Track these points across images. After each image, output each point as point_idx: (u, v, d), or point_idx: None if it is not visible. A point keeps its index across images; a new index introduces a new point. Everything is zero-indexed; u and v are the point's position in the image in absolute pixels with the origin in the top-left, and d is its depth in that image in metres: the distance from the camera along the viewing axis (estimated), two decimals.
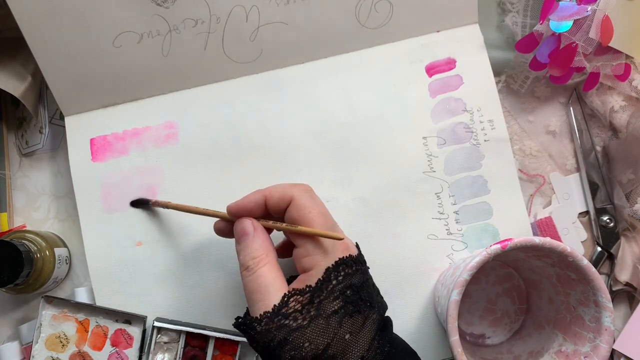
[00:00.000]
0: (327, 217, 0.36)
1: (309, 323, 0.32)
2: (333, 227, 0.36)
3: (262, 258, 0.35)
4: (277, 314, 0.32)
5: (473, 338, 0.47)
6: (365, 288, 0.35)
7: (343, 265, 0.34)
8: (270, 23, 0.47)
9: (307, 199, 0.36)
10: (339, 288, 0.33)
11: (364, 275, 0.35)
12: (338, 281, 0.34)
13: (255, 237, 0.36)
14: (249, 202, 0.37)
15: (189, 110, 0.48)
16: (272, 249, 0.36)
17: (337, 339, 0.32)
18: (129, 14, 0.45)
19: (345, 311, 0.33)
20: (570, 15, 0.43)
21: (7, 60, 0.48)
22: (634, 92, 0.46)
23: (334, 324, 0.32)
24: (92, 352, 0.45)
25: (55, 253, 0.46)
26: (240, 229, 0.37)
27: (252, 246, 0.36)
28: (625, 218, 0.46)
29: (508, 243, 0.37)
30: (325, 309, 0.33)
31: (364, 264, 0.36)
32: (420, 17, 0.48)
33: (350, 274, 0.34)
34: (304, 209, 0.35)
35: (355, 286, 0.34)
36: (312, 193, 0.37)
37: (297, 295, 0.33)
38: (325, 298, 0.33)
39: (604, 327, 0.37)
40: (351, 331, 0.33)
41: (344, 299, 0.33)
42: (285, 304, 0.33)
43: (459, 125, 0.48)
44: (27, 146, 0.50)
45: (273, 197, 0.36)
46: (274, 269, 0.35)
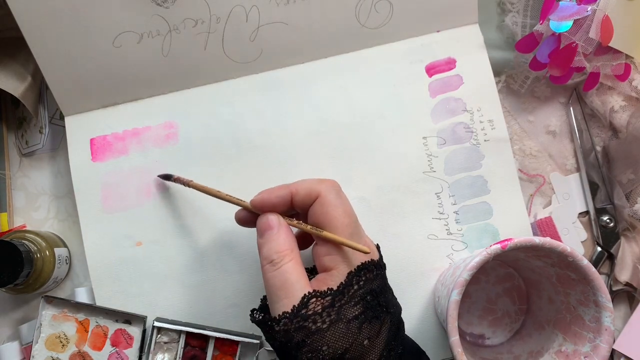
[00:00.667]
0: (352, 216, 0.35)
1: (328, 327, 0.32)
2: (357, 228, 0.35)
3: (287, 253, 0.34)
4: (297, 315, 0.32)
5: (473, 338, 0.47)
6: (383, 293, 0.34)
7: (365, 270, 0.34)
8: (270, 23, 0.47)
9: (334, 196, 0.35)
10: (360, 293, 0.33)
11: (383, 280, 0.35)
12: (359, 286, 0.33)
13: (280, 232, 0.35)
14: (274, 197, 0.36)
15: (189, 110, 0.48)
16: (296, 247, 0.35)
17: (356, 344, 0.32)
18: (129, 14, 0.45)
19: (365, 317, 0.32)
20: (570, 15, 0.43)
21: (7, 60, 0.48)
22: (634, 92, 0.46)
23: (354, 330, 0.32)
24: (92, 352, 0.45)
25: (55, 253, 0.46)
26: (265, 222, 0.36)
27: (277, 240, 0.34)
28: (625, 218, 0.46)
29: (508, 243, 0.37)
30: (346, 313, 0.32)
31: (383, 268, 0.36)
32: (420, 17, 0.48)
33: (371, 279, 0.34)
34: (329, 205, 0.34)
35: (375, 291, 0.34)
36: (339, 190, 0.36)
37: (318, 297, 0.32)
38: (347, 303, 0.32)
39: (604, 327, 0.37)
40: (369, 337, 0.32)
41: (364, 304, 0.33)
42: (305, 306, 0.32)
43: (459, 125, 0.48)
44: (27, 146, 0.50)
45: (299, 193, 0.35)
46: (299, 266, 0.34)
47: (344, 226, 0.34)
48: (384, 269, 0.36)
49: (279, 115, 0.48)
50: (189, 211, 0.47)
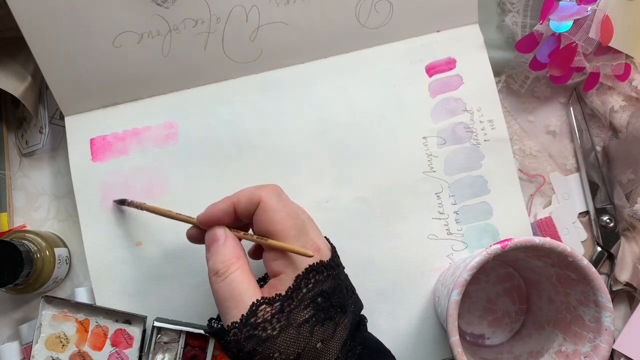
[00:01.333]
0: (296, 218, 0.35)
1: (279, 333, 0.31)
2: (304, 228, 0.35)
3: (233, 262, 0.34)
4: (246, 324, 0.31)
5: (473, 338, 0.47)
6: (336, 293, 0.34)
7: (313, 272, 0.33)
8: (270, 23, 0.47)
9: (275, 200, 0.35)
10: (310, 296, 0.32)
11: (336, 280, 0.34)
12: (308, 289, 0.33)
13: (226, 243, 0.35)
14: (217, 211, 0.35)
15: (189, 110, 0.48)
16: (243, 255, 0.35)
17: (309, 348, 0.32)
18: (129, 14, 0.45)
19: (316, 319, 0.32)
20: (570, 15, 0.43)
21: (7, 60, 0.48)
22: (634, 92, 0.46)
23: (305, 334, 0.32)
24: (92, 352, 0.45)
25: (55, 253, 0.46)
26: (211, 236, 0.35)
27: (222, 251, 0.34)
28: (625, 218, 0.46)
29: (508, 243, 0.37)
30: (295, 318, 0.32)
31: (336, 267, 0.35)
32: (420, 17, 0.48)
33: (321, 281, 0.33)
34: (270, 210, 0.34)
35: (326, 292, 0.33)
36: (280, 194, 0.36)
37: (266, 304, 0.32)
38: (296, 307, 0.32)
39: (604, 327, 0.37)
40: (323, 339, 0.32)
41: (314, 306, 0.32)
42: (254, 314, 0.32)
43: (459, 125, 0.48)
44: (27, 146, 0.50)
45: (241, 202, 0.35)
46: (246, 274, 0.34)
47: (288, 228, 0.34)
48: (337, 268, 0.35)
49: (279, 115, 0.48)
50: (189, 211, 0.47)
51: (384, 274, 0.46)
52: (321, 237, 0.36)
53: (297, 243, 0.34)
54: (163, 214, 0.40)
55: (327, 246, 0.36)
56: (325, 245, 0.36)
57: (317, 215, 0.46)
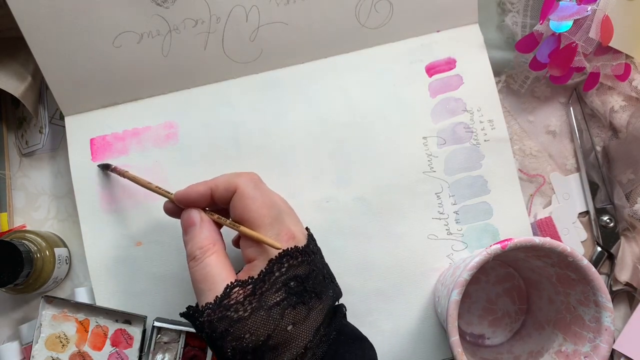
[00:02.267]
0: (272, 207, 0.35)
1: (250, 314, 0.32)
2: (279, 217, 0.35)
3: (209, 247, 0.35)
4: (219, 305, 0.33)
5: (473, 338, 0.47)
6: (311, 279, 0.34)
7: (287, 257, 0.34)
8: (270, 23, 0.47)
9: (251, 188, 0.35)
10: (282, 279, 0.33)
11: (310, 266, 0.35)
12: (281, 272, 0.33)
13: (202, 227, 0.36)
14: (194, 193, 0.36)
15: (189, 110, 0.48)
16: (219, 239, 0.36)
17: (279, 330, 0.32)
18: (129, 14, 0.45)
19: (288, 302, 0.33)
20: (570, 15, 0.43)
21: (7, 60, 0.48)
22: (634, 92, 0.46)
23: (276, 316, 0.32)
24: (92, 352, 0.45)
25: (55, 253, 0.46)
26: (187, 219, 0.37)
27: (199, 236, 0.35)
28: (625, 218, 0.46)
29: (508, 243, 0.37)
30: (267, 300, 0.33)
31: (311, 254, 0.36)
32: (420, 17, 0.48)
33: (295, 265, 0.34)
34: (247, 198, 0.35)
35: (300, 277, 0.34)
36: (258, 182, 0.37)
37: (239, 286, 0.33)
38: (268, 290, 0.33)
39: (604, 327, 0.37)
40: (294, 322, 0.33)
41: (286, 290, 0.33)
42: (227, 296, 0.33)
43: (459, 125, 0.48)
44: (27, 146, 0.50)
45: (219, 188, 0.36)
46: (221, 258, 0.35)
47: (262, 217, 0.34)
48: (313, 255, 0.36)
49: (278, 115, 0.48)
50: None
51: (384, 274, 0.46)
52: (297, 225, 0.37)
53: (271, 231, 0.34)
54: (143, 184, 0.41)
55: (303, 234, 0.37)
56: (302, 233, 0.37)
57: (317, 216, 0.46)
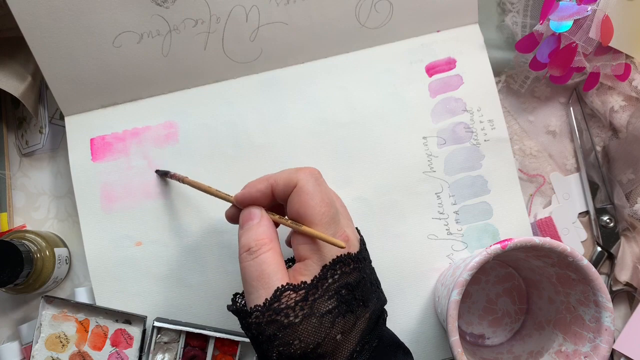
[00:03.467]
0: (330, 205, 0.34)
1: (301, 321, 0.31)
2: (336, 216, 0.34)
3: (265, 242, 0.33)
4: (269, 308, 0.32)
5: (473, 338, 0.47)
6: (360, 287, 0.34)
7: (340, 264, 0.33)
8: (270, 23, 0.47)
9: (311, 184, 0.34)
10: (335, 287, 0.32)
11: (361, 274, 0.34)
12: (334, 280, 0.33)
13: (261, 223, 0.35)
14: (255, 192, 0.35)
15: (189, 110, 0.48)
16: (276, 238, 0.35)
17: (329, 339, 0.32)
18: (129, 14, 0.45)
19: (339, 311, 0.32)
20: (570, 15, 0.43)
21: (7, 60, 0.48)
22: (634, 92, 0.46)
23: (327, 324, 0.32)
24: (92, 352, 0.45)
25: (55, 253, 0.46)
26: (246, 214, 0.35)
27: (257, 230, 0.34)
28: (625, 218, 0.46)
29: (508, 243, 0.37)
30: (319, 307, 0.32)
31: (362, 261, 0.35)
32: (420, 17, 0.48)
33: (347, 273, 0.33)
34: (305, 194, 0.34)
35: (350, 285, 0.33)
36: (318, 177, 0.35)
37: (290, 290, 0.32)
38: (320, 297, 0.32)
39: (604, 327, 0.37)
40: (343, 331, 0.32)
41: (338, 298, 0.32)
42: (278, 299, 0.32)
43: (459, 125, 0.48)
44: (27, 146, 0.50)
45: (279, 184, 0.35)
46: (277, 256, 0.33)
47: (320, 214, 0.33)
48: (364, 262, 0.35)
49: (278, 115, 0.48)
50: (189, 211, 0.47)
51: (384, 274, 0.46)
52: (352, 228, 0.36)
53: (328, 231, 0.33)
54: (204, 189, 0.40)
55: (356, 238, 0.36)
56: (355, 236, 0.36)
57: None
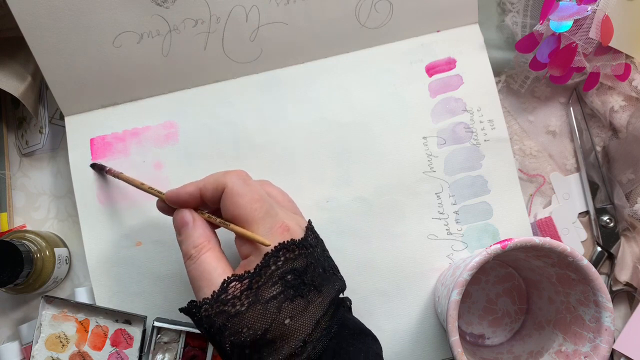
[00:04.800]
0: (262, 201, 0.35)
1: (247, 309, 0.32)
2: (270, 210, 0.35)
3: (204, 245, 0.35)
4: (217, 300, 0.33)
5: (473, 338, 0.47)
6: (309, 272, 0.34)
7: (284, 250, 0.34)
8: (270, 23, 0.47)
9: (239, 185, 0.35)
10: (279, 273, 0.33)
11: (308, 259, 0.35)
12: (277, 266, 0.33)
13: (195, 226, 0.36)
14: (184, 194, 0.37)
15: (189, 110, 0.48)
16: (213, 236, 0.36)
17: (276, 324, 0.32)
18: (129, 14, 0.45)
19: (285, 296, 0.33)
20: (570, 15, 0.43)
21: (7, 60, 0.48)
22: (634, 92, 0.46)
23: (273, 310, 0.32)
24: (92, 352, 0.45)
25: (55, 253, 0.46)
26: (179, 220, 0.37)
27: (193, 235, 0.36)
28: (625, 218, 0.46)
29: (508, 243, 0.37)
30: (263, 294, 0.33)
31: (309, 247, 0.36)
32: (420, 17, 0.48)
33: (291, 259, 0.34)
34: (236, 195, 0.35)
35: (297, 270, 0.34)
36: (246, 178, 0.36)
37: (235, 281, 0.33)
38: (264, 284, 0.33)
39: (604, 327, 0.37)
40: (292, 316, 0.33)
41: (283, 283, 0.33)
42: (225, 291, 0.33)
43: (459, 125, 0.48)
44: (27, 146, 0.50)
45: (207, 188, 0.36)
46: (217, 254, 0.35)
47: (252, 211, 0.34)
48: (312, 248, 0.36)
49: (278, 115, 0.48)
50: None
51: (384, 274, 0.46)
52: (292, 217, 0.37)
53: (263, 225, 0.34)
54: (136, 185, 0.41)
55: (300, 226, 0.36)
56: (298, 225, 0.36)
57: (317, 215, 0.46)
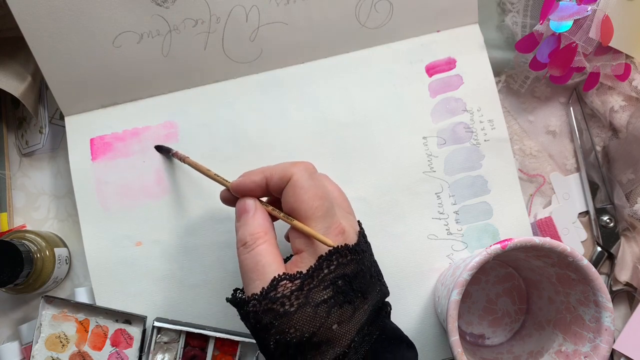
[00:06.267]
0: (324, 198, 0.34)
1: (296, 310, 0.32)
2: (330, 210, 0.34)
3: (260, 236, 0.34)
4: (265, 297, 0.32)
5: (473, 338, 0.47)
6: (359, 278, 0.34)
7: (337, 255, 0.33)
8: (270, 23, 0.47)
9: (305, 178, 0.34)
10: (330, 277, 0.33)
11: (359, 265, 0.34)
12: (330, 270, 0.33)
13: (255, 215, 0.35)
14: (250, 182, 0.36)
15: (189, 110, 0.48)
16: (271, 229, 0.35)
17: (324, 328, 0.32)
18: (129, 14, 0.45)
19: (335, 301, 0.32)
20: (570, 15, 0.43)
21: (7, 60, 0.48)
22: (634, 92, 0.46)
23: (322, 314, 0.32)
24: (92, 352, 0.45)
25: (55, 253, 0.46)
26: (241, 207, 0.36)
27: (252, 223, 0.35)
28: (625, 218, 0.46)
29: (508, 243, 0.37)
30: (314, 297, 0.32)
31: (361, 253, 0.35)
32: (420, 17, 0.48)
33: (344, 264, 0.33)
34: (299, 188, 0.34)
35: (348, 276, 0.33)
36: (312, 172, 0.35)
37: (286, 280, 0.32)
38: (316, 287, 0.32)
39: (604, 327, 0.37)
40: (339, 321, 0.32)
41: (334, 288, 0.33)
42: (274, 288, 0.32)
43: (459, 125, 0.48)
44: (27, 146, 0.50)
45: (273, 177, 0.35)
46: (272, 248, 0.34)
47: (313, 209, 0.34)
48: (362, 254, 0.35)
49: (278, 115, 0.48)
50: (189, 211, 0.47)
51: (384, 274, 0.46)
52: (349, 220, 0.36)
53: (321, 224, 0.34)
54: (203, 171, 0.40)
55: (354, 230, 0.36)
56: (353, 228, 0.36)
57: None
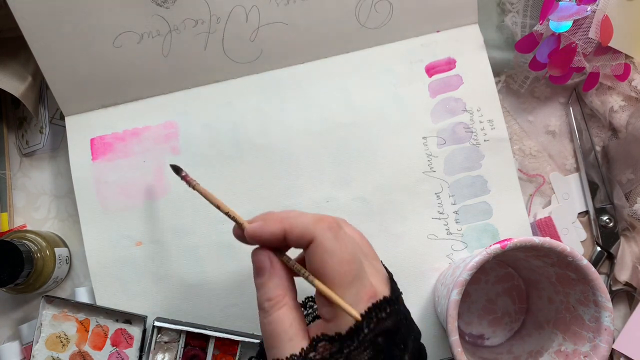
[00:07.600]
0: (353, 263, 0.31)
1: None
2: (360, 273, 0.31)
3: (278, 300, 0.32)
4: (305, 358, 0.30)
5: (473, 338, 0.47)
6: (400, 330, 0.32)
7: (376, 310, 0.31)
8: (270, 23, 0.47)
9: (330, 240, 0.31)
10: (370, 337, 0.30)
11: (398, 315, 0.32)
12: (370, 329, 0.30)
13: (271, 275, 0.32)
14: (267, 234, 0.32)
15: (189, 110, 0.48)
16: (290, 288, 0.33)
17: None
18: (129, 14, 0.45)
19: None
20: (570, 15, 0.43)
21: (7, 60, 0.48)
22: (633, 92, 0.46)
23: None
24: (92, 352, 0.45)
25: (56, 253, 0.46)
26: (257, 263, 0.33)
27: (268, 285, 0.32)
28: (625, 218, 0.46)
29: (508, 243, 0.37)
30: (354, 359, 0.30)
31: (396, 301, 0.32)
32: (420, 17, 0.48)
33: (383, 319, 0.31)
34: (324, 252, 0.31)
35: (390, 332, 0.31)
36: (337, 230, 0.31)
37: (326, 341, 0.30)
38: (355, 349, 0.30)
39: (604, 327, 0.37)
40: None
41: (374, 347, 0.30)
42: (314, 349, 0.30)
43: (459, 125, 0.48)
44: (27, 146, 0.50)
45: (293, 232, 0.32)
46: (289, 312, 0.32)
47: (341, 275, 0.30)
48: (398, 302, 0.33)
49: (278, 115, 0.48)
50: (189, 211, 0.47)
51: None
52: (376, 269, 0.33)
53: (350, 290, 0.31)
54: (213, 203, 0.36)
55: (384, 279, 0.33)
56: (382, 282, 0.33)
57: None
